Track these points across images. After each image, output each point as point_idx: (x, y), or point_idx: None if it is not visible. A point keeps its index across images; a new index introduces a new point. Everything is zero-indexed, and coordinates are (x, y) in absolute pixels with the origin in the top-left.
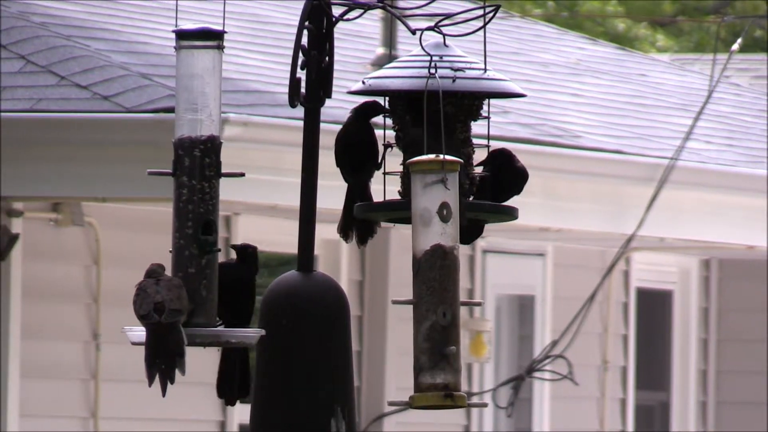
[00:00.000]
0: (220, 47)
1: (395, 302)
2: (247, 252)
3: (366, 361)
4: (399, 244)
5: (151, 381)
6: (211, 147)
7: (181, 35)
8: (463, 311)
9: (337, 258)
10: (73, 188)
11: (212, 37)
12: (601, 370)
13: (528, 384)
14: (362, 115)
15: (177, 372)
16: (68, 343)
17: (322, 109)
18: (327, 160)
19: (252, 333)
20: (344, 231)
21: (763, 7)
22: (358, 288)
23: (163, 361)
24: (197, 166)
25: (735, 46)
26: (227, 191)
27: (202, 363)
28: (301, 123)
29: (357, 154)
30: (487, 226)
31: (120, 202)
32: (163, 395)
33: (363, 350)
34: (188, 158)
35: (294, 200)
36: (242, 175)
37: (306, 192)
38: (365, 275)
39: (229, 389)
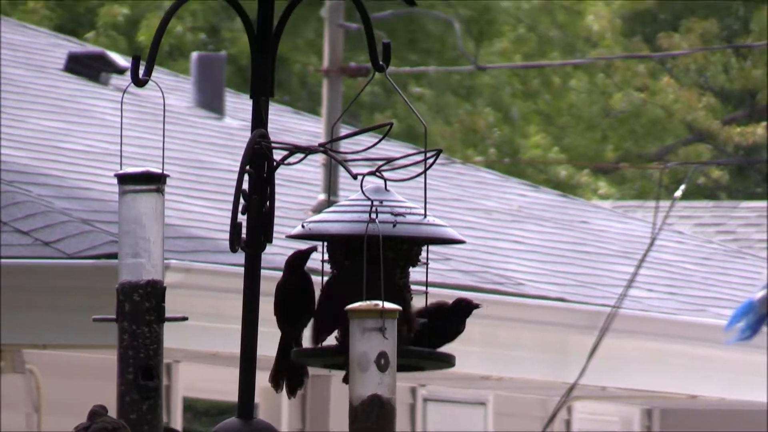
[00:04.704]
0: (162, 191)
1: None
2: None
3: None
4: (339, 393)
5: None
6: (151, 291)
7: (123, 179)
8: None
9: (278, 406)
10: (13, 335)
11: (154, 181)
12: None
13: None
14: (297, 265)
15: None
16: None
17: (263, 255)
18: (268, 306)
19: None
20: (275, 380)
21: (706, 155)
22: None
23: None
24: (137, 311)
25: (677, 193)
26: (168, 338)
27: None
28: (242, 269)
29: (294, 306)
30: (427, 374)
31: (61, 349)
32: None
33: None
34: (128, 303)
35: (235, 347)
36: (185, 319)
37: (247, 339)
38: (306, 424)
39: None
